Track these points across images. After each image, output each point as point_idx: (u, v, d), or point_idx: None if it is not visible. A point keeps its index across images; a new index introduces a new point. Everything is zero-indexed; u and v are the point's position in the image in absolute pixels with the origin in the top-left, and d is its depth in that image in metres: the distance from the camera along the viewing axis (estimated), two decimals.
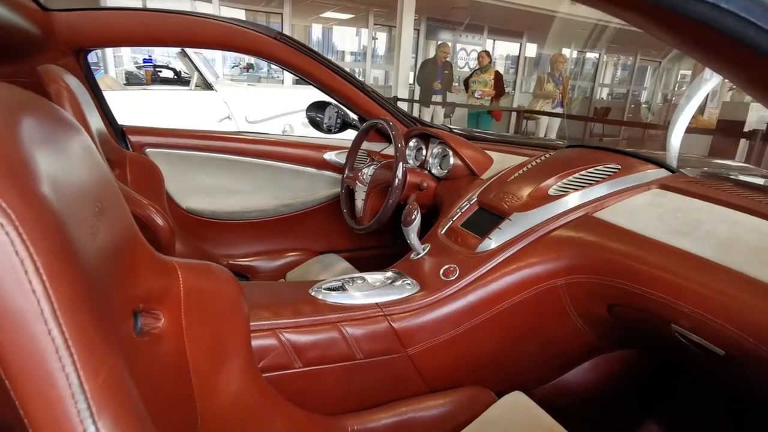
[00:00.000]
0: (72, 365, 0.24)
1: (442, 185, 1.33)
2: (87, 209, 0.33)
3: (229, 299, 0.58)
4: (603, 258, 0.84)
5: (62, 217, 0.27)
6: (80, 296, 0.26)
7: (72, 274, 0.26)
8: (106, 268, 0.34)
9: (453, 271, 0.94)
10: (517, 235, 0.94)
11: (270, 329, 0.78)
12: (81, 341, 0.25)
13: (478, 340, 0.92)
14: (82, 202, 0.32)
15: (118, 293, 0.37)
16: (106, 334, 0.28)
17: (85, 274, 0.28)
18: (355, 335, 0.84)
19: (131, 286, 0.41)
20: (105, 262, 0.34)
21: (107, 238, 0.36)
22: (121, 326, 0.37)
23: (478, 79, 5.54)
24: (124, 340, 0.37)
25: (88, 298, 0.27)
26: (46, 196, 0.26)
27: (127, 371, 0.29)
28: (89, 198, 0.34)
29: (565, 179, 1.02)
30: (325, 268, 1.41)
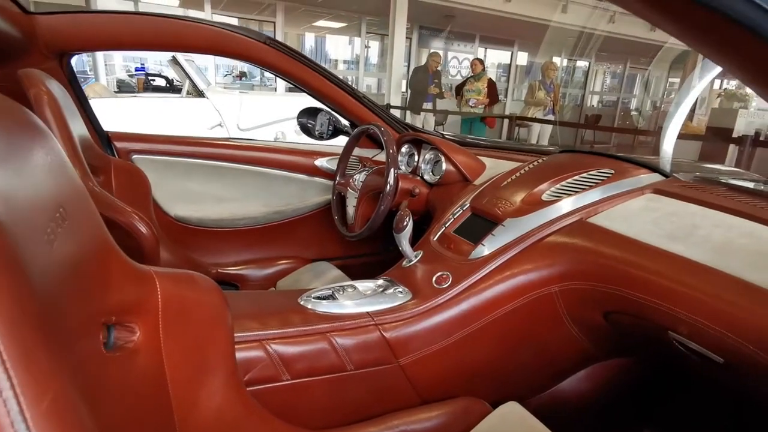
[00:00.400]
0: (11, 390, 0.21)
1: (435, 191, 1.31)
2: (43, 216, 0.30)
3: (211, 309, 0.55)
4: (598, 264, 0.82)
5: (8, 228, 0.24)
6: (25, 314, 0.23)
7: (15, 290, 0.23)
8: (65, 278, 0.32)
9: (446, 278, 0.92)
10: (510, 241, 0.92)
11: (256, 340, 0.75)
12: (23, 364, 0.22)
13: (472, 349, 0.90)
14: (38, 210, 0.30)
15: (82, 306, 0.35)
16: (57, 354, 0.25)
17: (33, 288, 0.25)
18: (345, 346, 0.81)
19: (100, 298, 0.39)
20: (65, 273, 0.32)
21: (70, 246, 0.33)
22: (85, 342, 0.35)
23: (471, 87, 5.57)
24: (90, 356, 0.35)
25: (34, 316, 0.24)
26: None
27: (82, 392, 0.26)
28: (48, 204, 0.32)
29: (559, 184, 1.00)
30: (317, 276, 1.38)
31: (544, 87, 5.72)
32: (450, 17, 7.71)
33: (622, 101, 13.24)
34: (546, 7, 7.33)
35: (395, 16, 6.30)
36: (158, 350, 0.47)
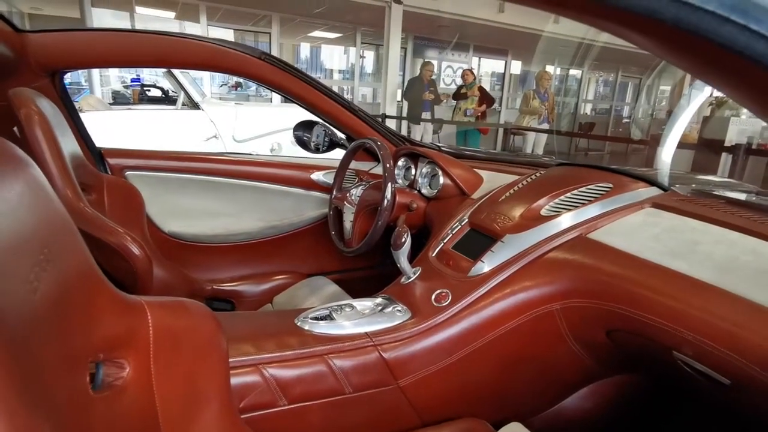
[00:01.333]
0: None
1: (432, 205, 1.30)
2: (25, 263, 0.29)
3: (205, 337, 0.54)
4: (599, 281, 0.81)
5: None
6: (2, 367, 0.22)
7: None
8: (48, 321, 0.30)
9: (445, 296, 0.90)
10: (510, 257, 0.91)
11: (252, 365, 0.73)
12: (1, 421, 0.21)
13: (473, 369, 0.88)
14: (20, 255, 0.28)
15: (66, 347, 0.33)
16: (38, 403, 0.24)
17: (11, 337, 0.24)
18: (344, 368, 0.79)
19: (86, 336, 0.37)
20: (48, 315, 0.30)
21: (53, 288, 0.32)
22: (70, 385, 0.33)
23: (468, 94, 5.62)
24: (75, 399, 0.33)
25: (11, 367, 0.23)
26: None
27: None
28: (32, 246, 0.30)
29: (557, 199, 1.00)
30: (313, 292, 1.36)
31: (539, 96, 5.76)
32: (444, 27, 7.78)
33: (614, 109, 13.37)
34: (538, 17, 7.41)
35: (390, 27, 6.35)
36: (149, 385, 0.45)
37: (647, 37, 0.23)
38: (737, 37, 0.19)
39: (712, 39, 0.20)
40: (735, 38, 0.19)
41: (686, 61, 0.24)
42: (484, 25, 7.26)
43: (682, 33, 0.20)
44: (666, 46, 0.23)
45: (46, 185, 0.36)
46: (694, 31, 0.20)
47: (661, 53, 0.24)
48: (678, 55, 0.24)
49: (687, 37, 0.20)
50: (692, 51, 0.22)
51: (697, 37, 0.20)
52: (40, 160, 0.80)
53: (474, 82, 5.76)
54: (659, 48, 0.23)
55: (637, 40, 0.23)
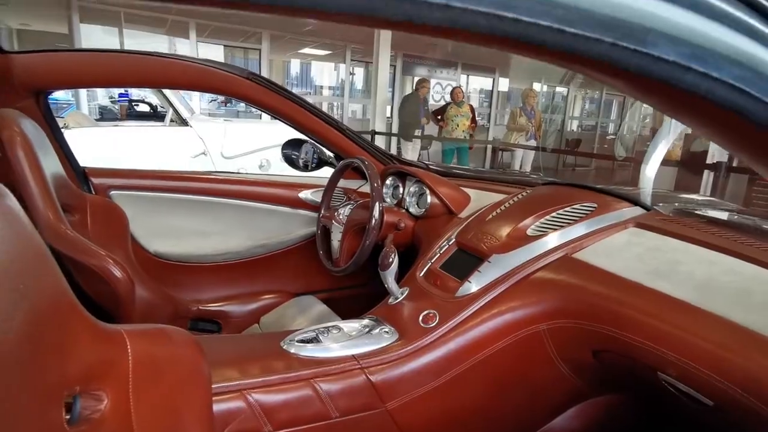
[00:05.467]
0: None
1: (420, 224, 1.30)
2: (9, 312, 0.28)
3: (187, 365, 0.53)
4: (585, 301, 0.82)
5: None
6: None
7: None
8: (21, 357, 0.29)
9: (433, 317, 0.90)
10: (497, 277, 0.91)
11: (236, 390, 0.72)
12: None
13: (462, 391, 0.87)
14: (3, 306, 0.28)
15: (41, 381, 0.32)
16: None
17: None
18: (330, 392, 0.78)
19: (61, 369, 0.36)
20: (19, 352, 0.29)
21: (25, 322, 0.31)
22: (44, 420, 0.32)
23: (459, 112, 5.69)
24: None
25: None
26: None
27: None
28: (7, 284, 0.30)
29: (543, 219, 1.01)
30: (301, 311, 1.35)
31: (525, 113, 5.86)
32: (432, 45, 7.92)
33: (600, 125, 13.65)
34: None
35: (379, 46, 6.45)
36: (128, 417, 0.44)
37: (617, 80, 0.24)
38: (700, 83, 0.20)
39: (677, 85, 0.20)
40: (698, 84, 0.20)
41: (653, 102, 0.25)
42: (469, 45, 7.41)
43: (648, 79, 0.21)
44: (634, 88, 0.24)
45: (21, 215, 0.35)
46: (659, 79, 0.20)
47: (630, 93, 0.25)
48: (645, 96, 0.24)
49: (653, 82, 0.21)
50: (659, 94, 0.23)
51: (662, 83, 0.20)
52: (22, 182, 0.79)
53: (464, 101, 5.85)
54: (628, 89, 0.24)
55: (608, 81, 0.24)
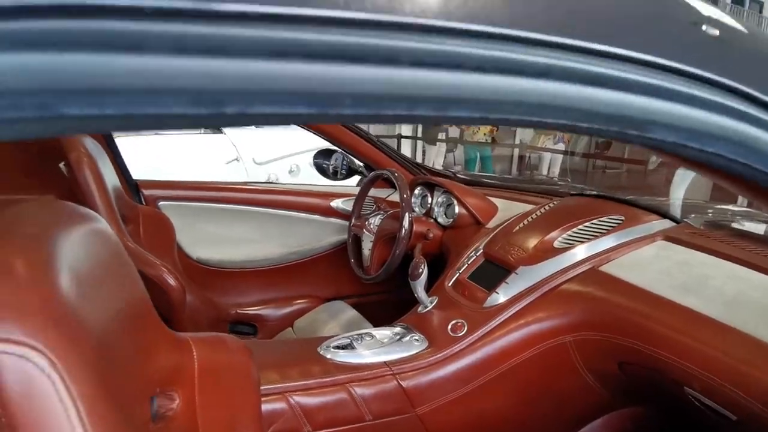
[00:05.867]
0: None
1: (448, 234, 1.34)
2: (114, 319, 0.34)
3: (241, 371, 0.59)
4: (611, 314, 0.84)
5: (97, 348, 0.29)
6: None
7: (106, 407, 0.27)
8: (127, 358, 0.35)
9: (461, 326, 0.93)
10: (524, 289, 0.94)
11: (279, 393, 0.78)
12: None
13: (489, 398, 0.91)
14: (111, 314, 0.34)
15: (136, 383, 0.38)
16: None
17: (112, 395, 0.29)
18: (364, 396, 0.83)
19: (149, 370, 0.43)
20: (126, 353, 0.36)
21: (124, 331, 0.37)
22: (139, 415, 0.38)
23: None
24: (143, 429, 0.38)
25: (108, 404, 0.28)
26: (84, 334, 0.28)
27: None
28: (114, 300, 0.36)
29: (570, 231, 1.03)
30: (332, 316, 1.41)
31: None
32: None
33: None
34: None
35: None
36: (194, 416, 0.50)
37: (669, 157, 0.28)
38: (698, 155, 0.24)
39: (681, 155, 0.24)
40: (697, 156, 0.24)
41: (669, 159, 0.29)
42: None
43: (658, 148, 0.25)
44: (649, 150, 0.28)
45: (111, 235, 0.42)
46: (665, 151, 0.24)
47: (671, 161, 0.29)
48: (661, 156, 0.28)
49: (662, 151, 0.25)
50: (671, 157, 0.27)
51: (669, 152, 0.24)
52: (89, 199, 0.88)
53: None
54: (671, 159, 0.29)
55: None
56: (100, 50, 0.13)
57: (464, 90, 0.19)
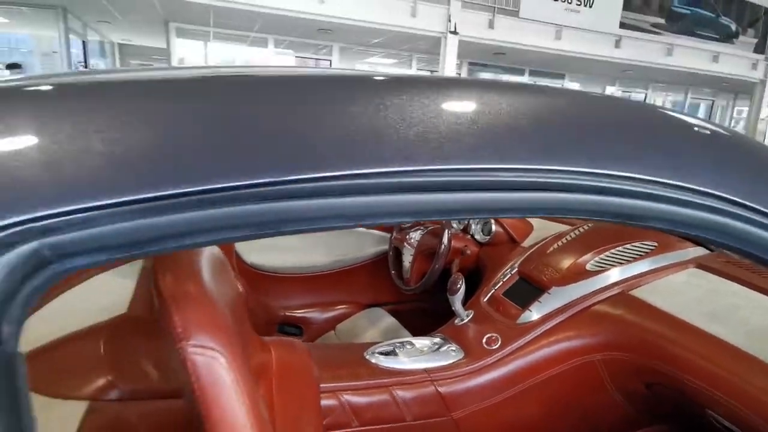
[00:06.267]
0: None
1: (484, 250, 1.41)
2: (237, 322, 0.46)
3: (306, 370, 0.70)
4: (640, 337, 0.89)
5: (240, 346, 0.40)
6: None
7: (253, 387, 0.39)
8: (245, 353, 0.47)
9: (495, 340, 1.01)
10: (556, 308, 1.01)
11: (332, 391, 0.88)
12: None
13: (520, 408, 0.98)
14: (237, 318, 0.46)
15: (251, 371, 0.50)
16: None
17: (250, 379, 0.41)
18: (405, 399, 0.93)
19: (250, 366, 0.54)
20: (247, 352, 0.47)
21: (243, 335, 0.49)
22: None
23: None
24: None
25: None
26: (236, 338, 0.40)
27: None
28: (236, 307, 0.48)
29: (603, 254, 1.08)
30: (372, 323, 1.51)
31: None
32: (499, 54, 7.87)
33: None
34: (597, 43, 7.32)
35: (445, 57, 6.55)
36: (273, 407, 0.61)
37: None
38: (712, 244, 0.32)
39: None
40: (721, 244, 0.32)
41: None
42: (541, 53, 7.28)
43: None
44: None
45: (220, 252, 0.54)
46: None
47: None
48: None
49: None
50: None
51: None
52: None
53: None
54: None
55: None
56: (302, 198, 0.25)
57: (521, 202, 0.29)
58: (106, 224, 0.23)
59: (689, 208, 0.32)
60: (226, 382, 0.37)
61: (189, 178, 0.25)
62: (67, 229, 0.23)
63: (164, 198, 0.24)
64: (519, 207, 0.30)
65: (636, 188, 0.31)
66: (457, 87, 0.34)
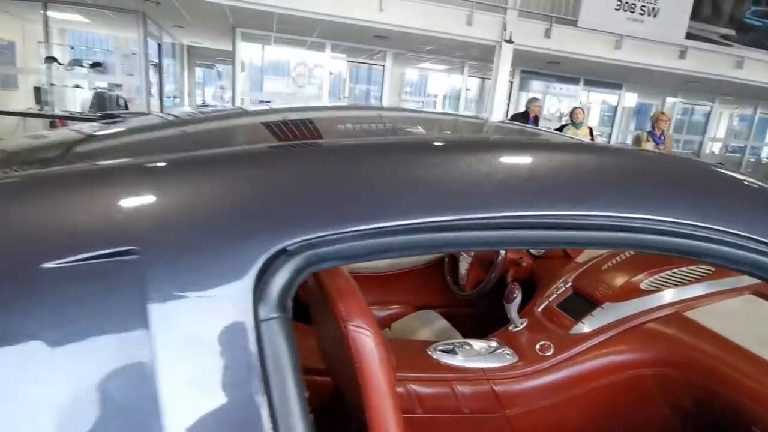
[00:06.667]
0: None
1: (539, 263, 1.49)
2: None
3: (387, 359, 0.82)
4: (692, 357, 0.95)
5: None
6: None
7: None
8: None
9: (548, 347, 1.10)
10: (608, 323, 1.08)
11: (401, 380, 1.00)
12: None
13: (568, 413, 1.06)
14: None
15: None
16: None
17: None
18: (464, 393, 1.03)
19: None
20: None
21: None
22: None
23: (577, 134, 5.56)
24: None
25: None
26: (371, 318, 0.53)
27: None
28: None
29: (658, 275, 1.14)
30: (425, 324, 1.62)
31: (653, 138, 5.49)
32: (553, 63, 7.75)
33: (751, 148, 11.90)
34: (660, 53, 7.05)
35: (499, 65, 6.54)
36: None
37: None
38: None
39: None
40: None
41: None
42: (598, 62, 7.11)
43: None
44: None
45: None
46: None
47: None
48: None
49: None
50: None
51: None
52: None
53: (583, 122, 5.69)
54: None
55: None
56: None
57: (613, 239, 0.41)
58: (346, 243, 0.37)
59: (735, 249, 0.41)
60: (376, 356, 0.50)
61: (395, 215, 0.40)
62: (324, 245, 0.36)
63: (380, 229, 0.39)
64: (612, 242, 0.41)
65: (694, 232, 0.41)
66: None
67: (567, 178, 0.47)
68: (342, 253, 0.38)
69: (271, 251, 0.36)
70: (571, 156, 0.52)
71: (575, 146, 0.64)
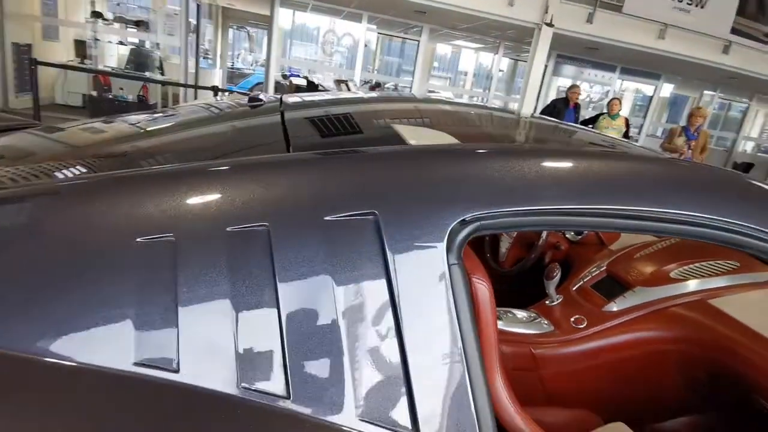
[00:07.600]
0: None
1: (575, 248, 1.63)
2: None
3: (493, 301, 0.98)
4: (711, 338, 1.10)
5: None
6: None
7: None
8: None
9: (581, 320, 1.25)
10: (638, 304, 1.23)
11: None
12: None
13: (595, 378, 1.22)
14: None
15: None
16: None
17: None
18: (507, 352, 1.20)
19: None
20: None
21: None
22: None
23: (612, 125, 5.54)
24: None
25: None
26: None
27: None
28: None
29: (687, 267, 1.27)
30: None
31: (686, 134, 5.45)
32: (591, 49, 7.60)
33: None
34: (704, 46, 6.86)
35: (537, 48, 6.47)
36: None
37: None
38: None
39: None
40: None
41: None
42: (638, 51, 6.96)
43: None
44: None
45: None
46: None
47: None
48: None
49: None
50: None
51: None
52: None
53: (619, 113, 5.65)
54: None
55: None
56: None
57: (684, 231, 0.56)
58: (500, 219, 0.54)
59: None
60: (489, 304, 0.66)
61: (535, 201, 0.58)
62: (488, 219, 0.54)
63: (523, 211, 0.57)
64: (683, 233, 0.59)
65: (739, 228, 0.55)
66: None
67: (653, 182, 0.65)
68: (497, 225, 0.57)
69: (456, 220, 0.55)
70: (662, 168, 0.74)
71: (665, 161, 0.88)
